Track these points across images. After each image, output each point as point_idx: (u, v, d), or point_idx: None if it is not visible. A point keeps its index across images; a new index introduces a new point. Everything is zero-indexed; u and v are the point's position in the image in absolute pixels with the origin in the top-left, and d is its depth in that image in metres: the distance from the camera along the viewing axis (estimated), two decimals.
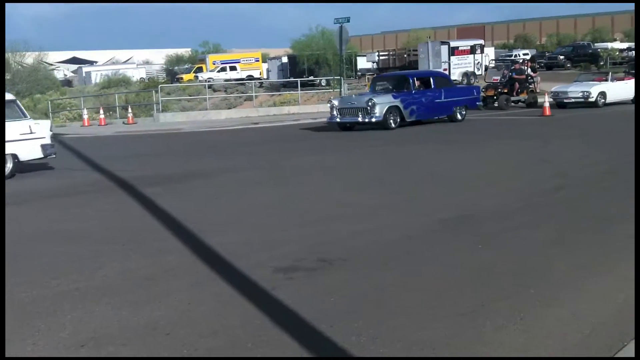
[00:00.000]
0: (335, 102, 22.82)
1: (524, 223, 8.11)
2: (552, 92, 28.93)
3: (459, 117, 23.64)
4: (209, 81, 49.84)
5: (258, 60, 66.35)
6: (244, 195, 10.93)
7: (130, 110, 30.46)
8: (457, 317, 5.09)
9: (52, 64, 72.91)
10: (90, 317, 5.36)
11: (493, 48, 70.39)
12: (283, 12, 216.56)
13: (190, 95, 38.37)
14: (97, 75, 67.16)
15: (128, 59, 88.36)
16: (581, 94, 28.21)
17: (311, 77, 46.87)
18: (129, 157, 17.04)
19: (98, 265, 6.90)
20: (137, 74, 69.18)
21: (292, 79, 45.86)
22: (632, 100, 28.78)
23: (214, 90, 43.06)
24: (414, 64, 43.90)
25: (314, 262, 6.70)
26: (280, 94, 38.96)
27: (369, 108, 21.38)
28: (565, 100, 28.56)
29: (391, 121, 21.53)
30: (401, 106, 21.87)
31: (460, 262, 6.54)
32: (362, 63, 57.50)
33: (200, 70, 62.00)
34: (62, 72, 79.09)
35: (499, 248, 7.05)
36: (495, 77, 30.87)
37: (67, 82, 71.19)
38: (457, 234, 7.72)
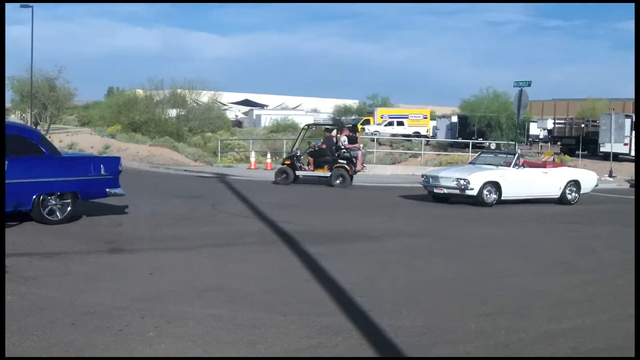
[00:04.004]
0: None
1: None
2: (422, 176, 20.07)
3: (45, 214, 11.92)
4: (375, 134, 49.59)
5: (426, 117, 65.73)
6: (415, 267, 9.90)
7: None
8: None
9: (225, 104, 75.56)
10: None
11: None
12: (455, 71, 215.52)
13: None
14: (266, 118, 68.78)
15: (297, 106, 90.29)
16: (455, 182, 18.20)
17: (480, 139, 45.52)
18: (293, 207, 16.49)
19: (255, 337, 6.13)
20: (304, 120, 70.29)
21: (460, 140, 44.75)
22: (558, 198, 19.35)
23: (379, 144, 42.64)
24: (593, 134, 41.48)
25: None
26: (447, 154, 37.71)
27: None
28: (436, 191, 18.69)
29: None
30: None
31: None
32: (532, 129, 55.29)
33: (367, 122, 62.10)
34: (234, 112, 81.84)
35: None
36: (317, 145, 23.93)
37: (238, 123, 73.41)
38: None
